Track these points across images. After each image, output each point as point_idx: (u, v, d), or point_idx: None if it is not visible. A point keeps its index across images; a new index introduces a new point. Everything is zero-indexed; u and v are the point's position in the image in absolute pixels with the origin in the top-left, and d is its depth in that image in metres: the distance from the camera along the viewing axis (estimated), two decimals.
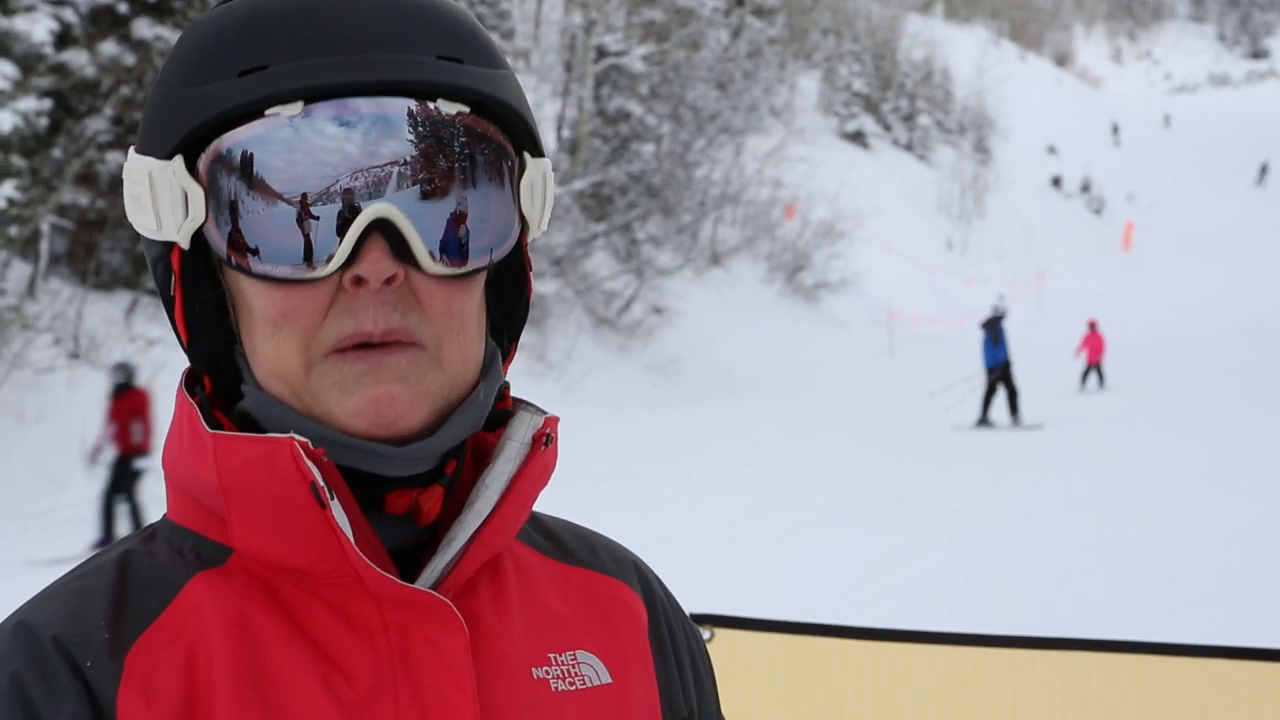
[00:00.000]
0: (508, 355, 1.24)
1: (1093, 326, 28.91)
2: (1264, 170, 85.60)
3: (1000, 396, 22.77)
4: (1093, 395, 26.58)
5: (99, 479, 13.35)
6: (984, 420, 22.02)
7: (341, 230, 1.05)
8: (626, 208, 30.88)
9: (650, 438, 18.49)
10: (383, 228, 1.05)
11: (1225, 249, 64.03)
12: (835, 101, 64.55)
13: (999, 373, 22.53)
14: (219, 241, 1.08)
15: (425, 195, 1.06)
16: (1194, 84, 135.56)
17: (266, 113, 1.04)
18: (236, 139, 1.05)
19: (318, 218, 1.05)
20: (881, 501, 13.11)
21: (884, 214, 52.57)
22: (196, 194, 1.08)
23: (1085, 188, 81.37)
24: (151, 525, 1.19)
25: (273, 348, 1.10)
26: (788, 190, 40.91)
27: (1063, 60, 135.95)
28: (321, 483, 1.04)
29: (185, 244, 1.10)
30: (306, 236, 1.05)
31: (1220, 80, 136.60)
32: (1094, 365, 28.30)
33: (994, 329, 23.29)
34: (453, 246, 1.08)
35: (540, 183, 1.16)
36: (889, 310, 40.66)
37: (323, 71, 1.04)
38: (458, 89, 1.07)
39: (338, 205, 1.04)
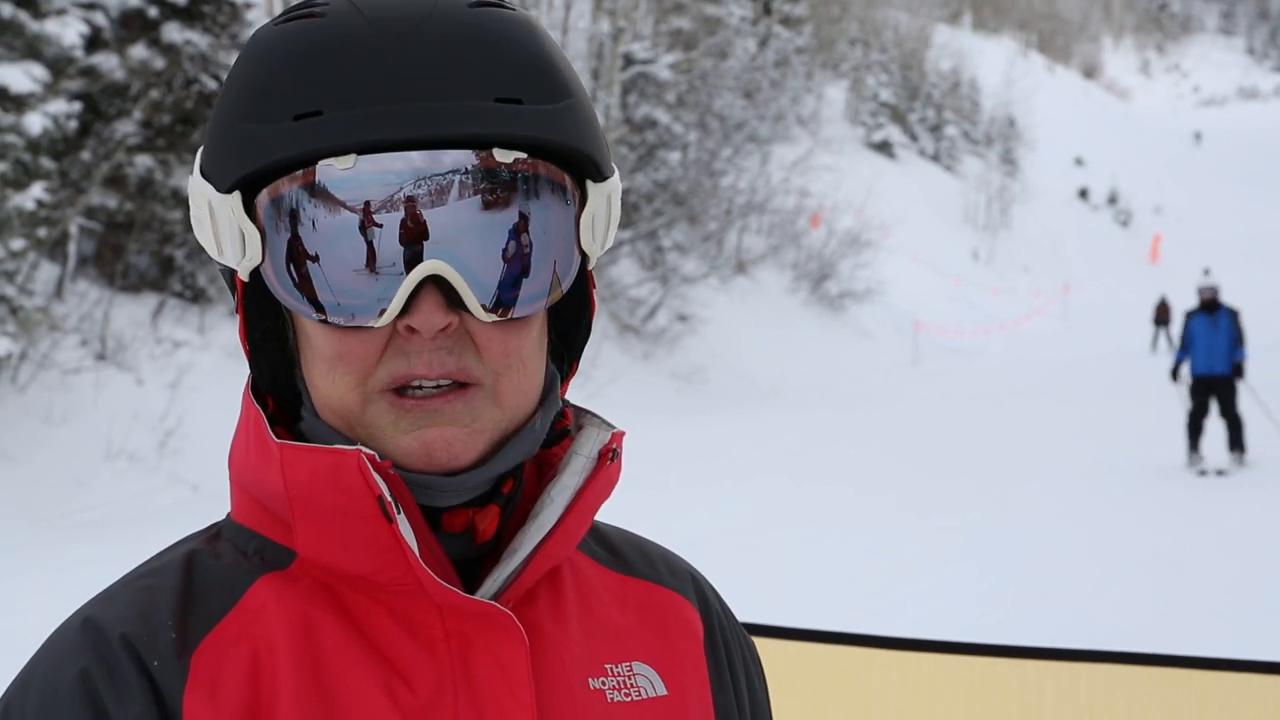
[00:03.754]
0: (569, 374, 1.25)
1: None
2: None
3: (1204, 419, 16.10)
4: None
5: (124, 482, 13.42)
6: (1194, 454, 15.95)
7: (394, 283, 1.05)
8: (652, 215, 30.88)
9: (674, 445, 18.48)
10: (435, 280, 1.05)
11: (1253, 262, 63.75)
12: (862, 111, 64.46)
13: (1212, 384, 16.13)
14: (275, 286, 1.09)
15: (478, 247, 1.06)
16: (1222, 97, 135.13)
17: (320, 163, 1.04)
18: (290, 189, 1.06)
19: (371, 271, 1.05)
20: (903, 513, 13.07)
21: (910, 224, 52.48)
22: (253, 236, 1.09)
23: (1112, 200, 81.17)
24: (216, 525, 1.20)
25: (329, 383, 1.11)
26: (814, 199, 40.85)
27: (1091, 72, 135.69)
28: (389, 497, 1.05)
29: (245, 277, 1.12)
30: (359, 289, 1.06)
31: (1249, 93, 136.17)
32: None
33: (1188, 321, 16.61)
34: (507, 296, 1.08)
35: (604, 208, 1.15)
36: (914, 321, 40.59)
37: (375, 124, 1.03)
38: (513, 138, 1.06)
39: (391, 259, 1.05)
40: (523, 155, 1.06)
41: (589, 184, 1.14)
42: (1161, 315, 39.68)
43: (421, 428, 1.09)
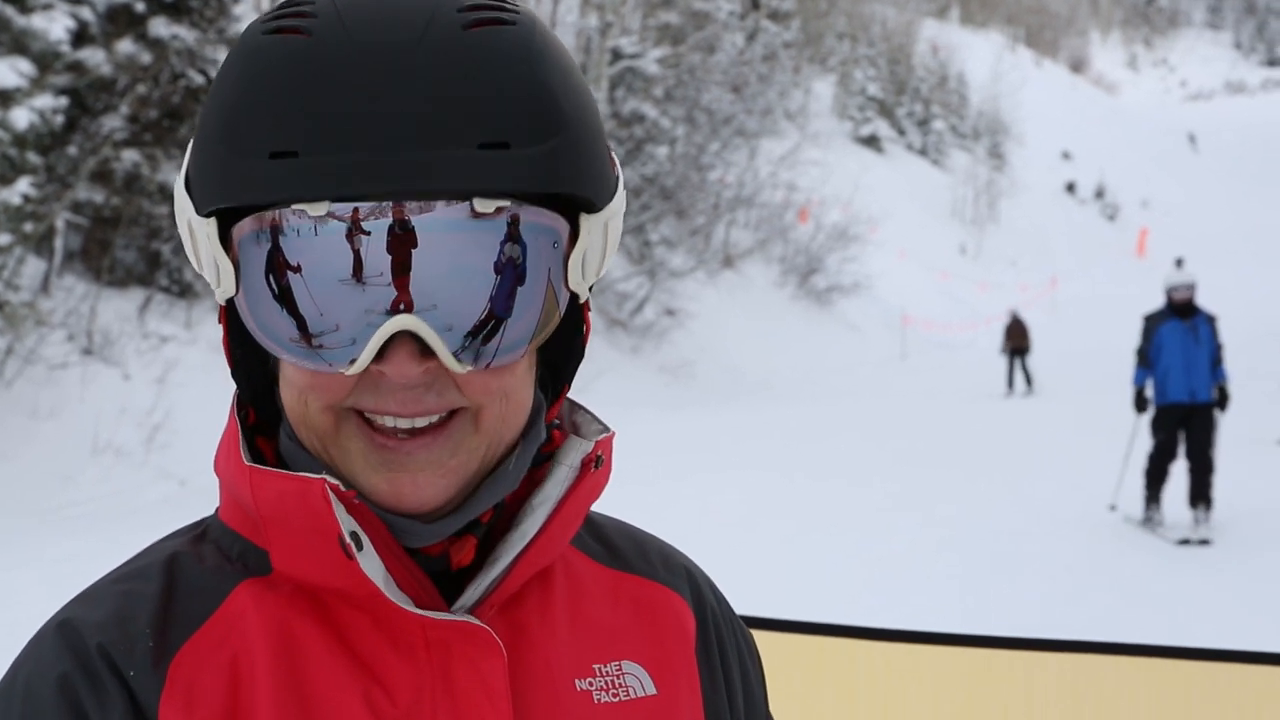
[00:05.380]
0: (558, 398, 1.22)
1: None
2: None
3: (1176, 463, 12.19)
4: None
5: (111, 477, 13.38)
6: (1154, 507, 12.09)
7: (367, 333, 1.02)
8: (640, 210, 30.89)
9: (662, 439, 18.48)
10: (408, 333, 1.03)
11: (1240, 256, 63.89)
12: (850, 105, 64.52)
13: (1188, 414, 12.07)
14: (249, 320, 1.07)
15: (455, 298, 1.03)
16: (1210, 91, 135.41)
17: (293, 207, 1.01)
18: (264, 228, 1.03)
19: (339, 323, 1.03)
20: (891, 506, 13.09)
21: (897, 218, 52.53)
22: (227, 269, 1.07)
23: (1099, 194, 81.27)
24: (203, 522, 1.19)
25: (301, 406, 1.10)
26: (801, 194, 40.87)
27: (1078, 66, 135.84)
28: (348, 534, 1.04)
29: (221, 302, 1.10)
30: (327, 339, 1.04)
31: (1236, 87, 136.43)
32: None
33: (1154, 327, 12.45)
34: (482, 348, 1.05)
35: (599, 239, 1.12)
36: (902, 315, 40.63)
37: (351, 175, 0.99)
38: (494, 191, 1.02)
39: (363, 307, 1.02)
40: (504, 203, 1.02)
41: (582, 217, 1.10)
42: (1016, 340, 28.09)
43: (394, 471, 1.07)
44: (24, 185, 13.93)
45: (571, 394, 1.25)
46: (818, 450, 17.69)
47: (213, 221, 1.06)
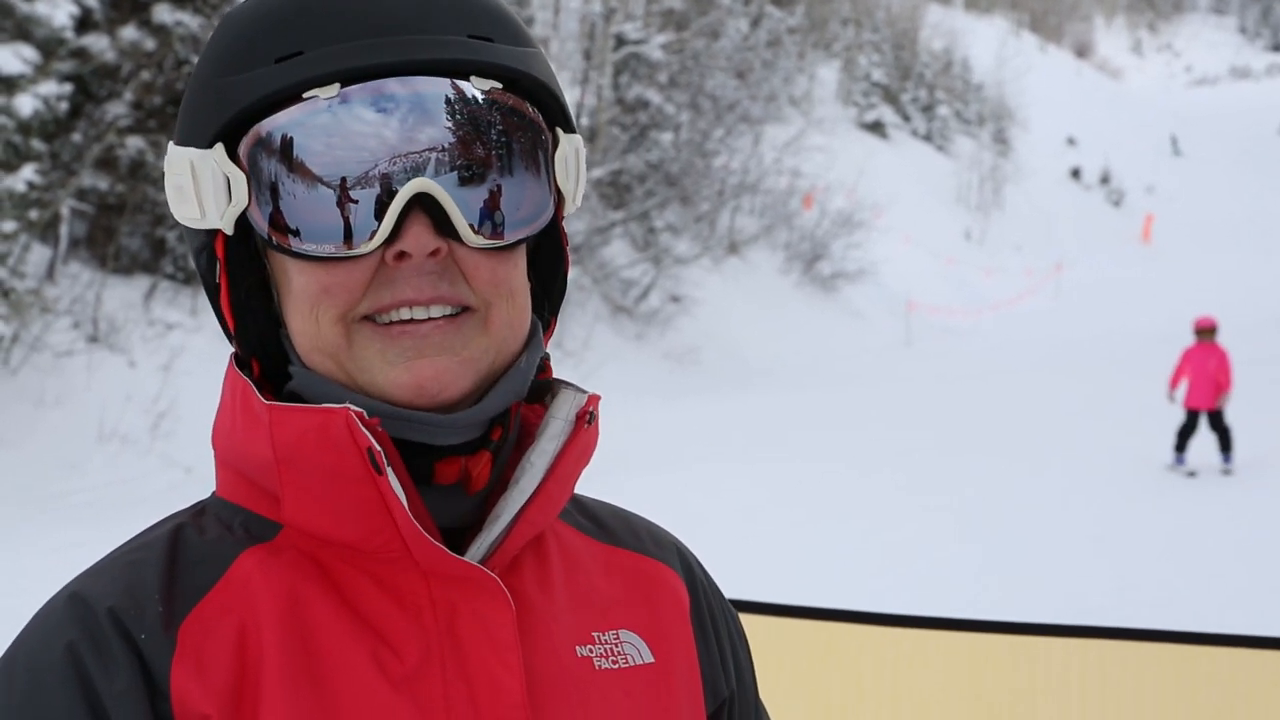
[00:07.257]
0: (547, 329, 1.26)
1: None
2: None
3: None
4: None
5: (116, 464, 13.38)
6: None
7: (383, 207, 1.07)
8: (644, 196, 30.83)
9: (667, 426, 18.48)
10: (423, 203, 1.07)
11: (1245, 241, 63.80)
12: (854, 91, 64.36)
13: None
14: (261, 223, 1.10)
15: (464, 170, 1.08)
16: (1215, 76, 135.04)
17: (304, 96, 1.06)
18: (276, 123, 1.07)
19: (358, 197, 1.07)
20: (897, 494, 13.09)
21: (902, 204, 52.40)
22: (239, 179, 1.10)
23: (1104, 179, 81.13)
24: (201, 502, 1.21)
25: (312, 323, 1.11)
26: (806, 180, 40.80)
27: (1083, 52, 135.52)
28: (378, 447, 1.05)
29: (229, 229, 1.12)
30: (348, 215, 1.07)
31: (1241, 73, 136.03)
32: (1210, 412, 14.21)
33: None
34: (493, 219, 1.10)
35: (573, 157, 1.18)
36: (907, 301, 40.57)
37: (357, 54, 1.06)
38: (490, 66, 1.09)
39: (378, 183, 1.06)
40: (498, 85, 1.10)
41: (559, 131, 1.17)
42: None
43: (411, 358, 1.10)
44: (29, 172, 13.93)
45: (576, 381, 1.27)
46: (825, 437, 17.68)
47: (219, 147, 1.10)
